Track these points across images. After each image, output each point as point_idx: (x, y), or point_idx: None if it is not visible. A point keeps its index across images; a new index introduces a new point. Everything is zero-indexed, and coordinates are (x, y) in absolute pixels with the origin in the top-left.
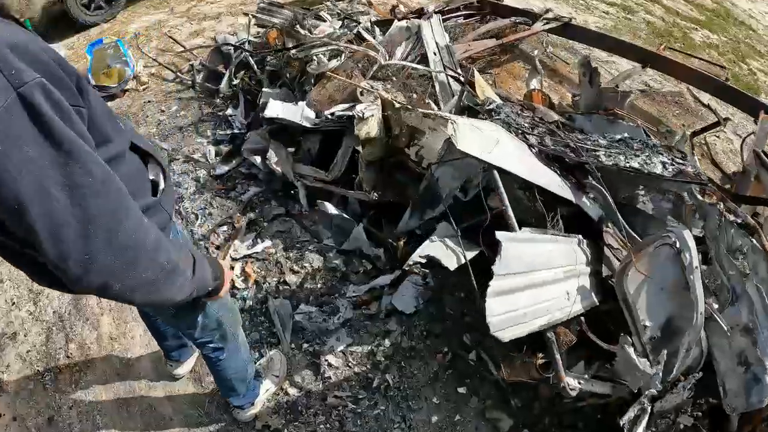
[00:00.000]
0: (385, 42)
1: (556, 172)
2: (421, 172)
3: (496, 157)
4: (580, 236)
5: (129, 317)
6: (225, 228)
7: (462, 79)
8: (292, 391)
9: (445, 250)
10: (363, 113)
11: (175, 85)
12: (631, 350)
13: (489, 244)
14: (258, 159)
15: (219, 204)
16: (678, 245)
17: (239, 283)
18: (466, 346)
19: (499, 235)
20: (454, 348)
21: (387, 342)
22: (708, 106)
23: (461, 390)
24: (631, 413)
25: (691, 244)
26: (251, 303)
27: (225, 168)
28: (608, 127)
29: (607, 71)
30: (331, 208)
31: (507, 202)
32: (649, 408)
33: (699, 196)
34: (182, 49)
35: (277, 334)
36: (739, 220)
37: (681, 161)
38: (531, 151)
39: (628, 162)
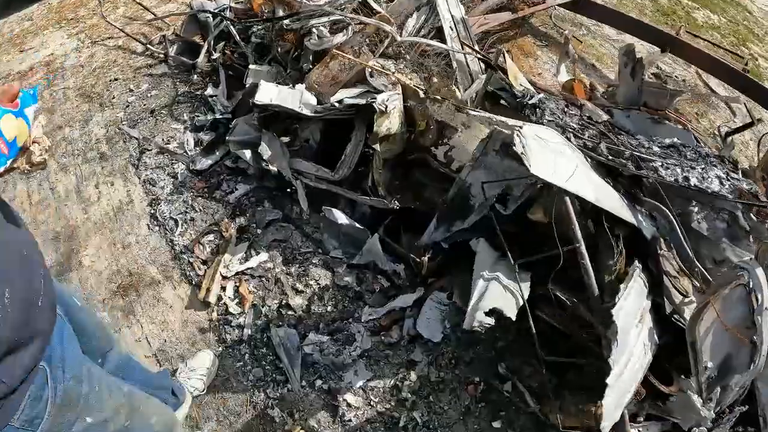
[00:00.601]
0: (393, 12)
1: (609, 184)
2: (450, 174)
3: (571, 181)
4: (638, 264)
5: None
6: (211, 237)
7: (491, 60)
8: None
9: (503, 294)
10: (386, 105)
11: (145, 59)
12: (695, 397)
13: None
14: (247, 153)
15: (202, 206)
16: (751, 284)
17: (233, 308)
18: (500, 375)
19: (616, 314)
20: (486, 377)
21: (413, 375)
22: (720, 97)
23: (496, 425)
24: None
25: (764, 283)
26: (250, 332)
27: (207, 162)
28: (653, 128)
29: (617, 49)
30: (340, 217)
31: (583, 250)
32: None
33: (753, 217)
34: (153, 17)
35: (284, 369)
36: None
37: (736, 176)
38: (587, 160)
39: (686, 175)
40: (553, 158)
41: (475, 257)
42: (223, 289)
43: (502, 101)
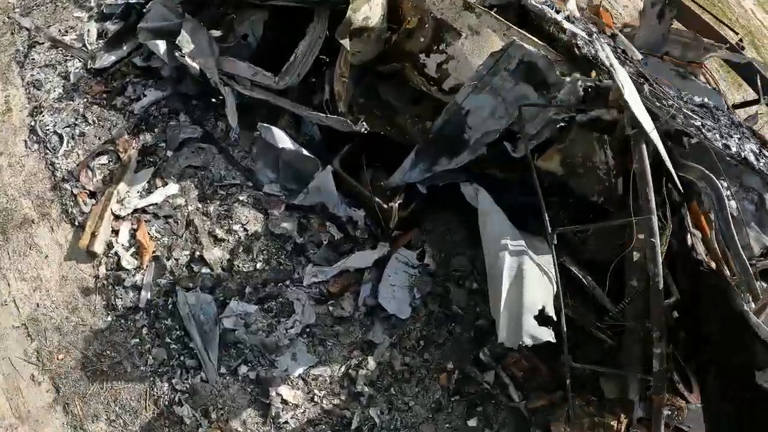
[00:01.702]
0: None
1: None
2: (438, 97)
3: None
4: None
5: None
6: (104, 159)
7: None
8: None
9: (541, 279)
10: None
11: None
12: None
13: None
14: (161, 46)
15: (96, 117)
16: None
17: (128, 261)
18: (480, 362)
19: None
20: (463, 364)
21: (370, 361)
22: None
23: (471, 422)
24: None
25: None
26: (149, 296)
27: (110, 58)
28: (676, 82)
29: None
30: (282, 138)
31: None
32: None
33: None
34: None
35: (195, 350)
36: None
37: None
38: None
39: (726, 142)
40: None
41: (480, 218)
42: (115, 233)
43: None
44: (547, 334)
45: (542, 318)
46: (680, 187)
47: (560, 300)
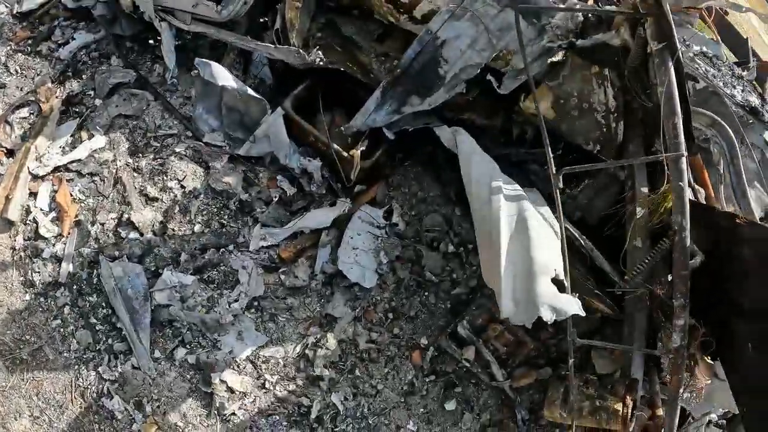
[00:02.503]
0: None
1: None
2: (407, 27)
3: None
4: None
5: None
6: (25, 112)
7: None
8: None
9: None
10: None
11: None
12: None
13: None
14: None
15: (20, 66)
16: None
17: (47, 228)
18: (458, 337)
19: None
20: (438, 340)
21: (330, 338)
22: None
23: (449, 405)
24: None
25: None
26: (71, 268)
27: (37, 0)
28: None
29: None
30: (223, 75)
31: None
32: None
33: None
34: None
35: (124, 333)
36: None
37: None
38: None
39: (732, 92)
40: None
41: (462, 163)
42: (33, 195)
43: None
44: (574, 305)
45: (557, 283)
46: (693, 133)
47: (565, 261)
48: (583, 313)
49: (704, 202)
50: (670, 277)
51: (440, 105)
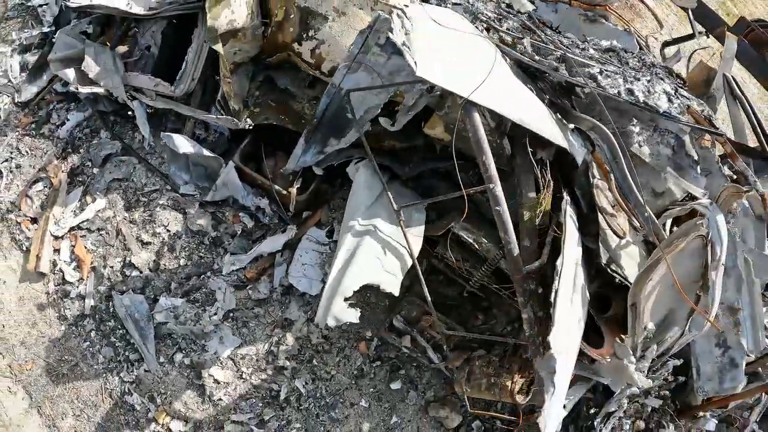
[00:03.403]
0: None
1: (533, 91)
2: (321, 78)
3: (481, 89)
4: (567, 198)
5: None
6: (40, 186)
7: None
8: (177, 426)
9: (382, 257)
10: None
11: None
12: (632, 367)
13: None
14: (71, 74)
15: (29, 148)
16: (710, 235)
17: (71, 274)
18: (396, 329)
19: (554, 349)
20: (380, 332)
21: (289, 337)
22: (649, 7)
23: (395, 385)
24: (603, 411)
25: (724, 235)
26: (93, 302)
27: (33, 90)
28: (587, 27)
29: None
30: (183, 144)
31: (500, 193)
32: (625, 405)
33: (704, 143)
34: None
35: (136, 346)
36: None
37: (686, 94)
38: (506, 61)
39: (630, 87)
40: (454, 54)
41: (350, 194)
42: (57, 251)
43: None
44: (352, 316)
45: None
46: (530, 150)
47: (418, 270)
48: (356, 321)
49: (603, 196)
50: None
51: (363, 136)
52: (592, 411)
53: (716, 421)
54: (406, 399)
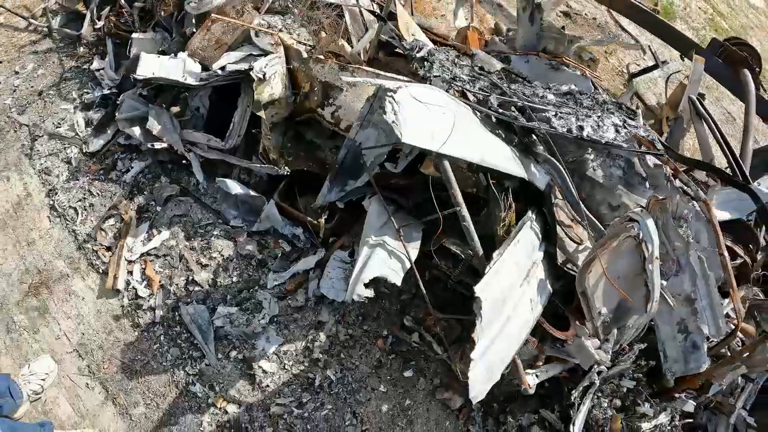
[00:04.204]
0: None
1: (501, 137)
2: (340, 132)
3: (447, 145)
4: (531, 215)
5: None
6: (112, 221)
7: (379, 12)
8: (232, 409)
9: (388, 261)
10: (264, 73)
11: (29, 35)
12: (588, 343)
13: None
14: (137, 131)
15: (99, 190)
16: (641, 235)
17: (142, 291)
18: (406, 327)
19: (479, 291)
20: (394, 331)
21: (322, 335)
22: (631, 35)
23: (407, 374)
24: (580, 387)
25: (654, 235)
26: (161, 313)
27: (99, 142)
28: (551, 75)
29: None
30: (234, 187)
31: (465, 213)
32: (597, 380)
33: (650, 164)
34: None
35: (198, 345)
36: (684, 187)
37: (633, 124)
38: (476, 115)
39: (581, 124)
40: (431, 122)
41: (365, 221)
42: (130, 273)
43: (397, 50)
44: (368, 293)
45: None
46: (493, 187)
47: (415, 271)
48: (372, 295)
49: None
50: None
51: (373, 178)
52: (572, 390)
53: (694, 403)
54: (417, 385)
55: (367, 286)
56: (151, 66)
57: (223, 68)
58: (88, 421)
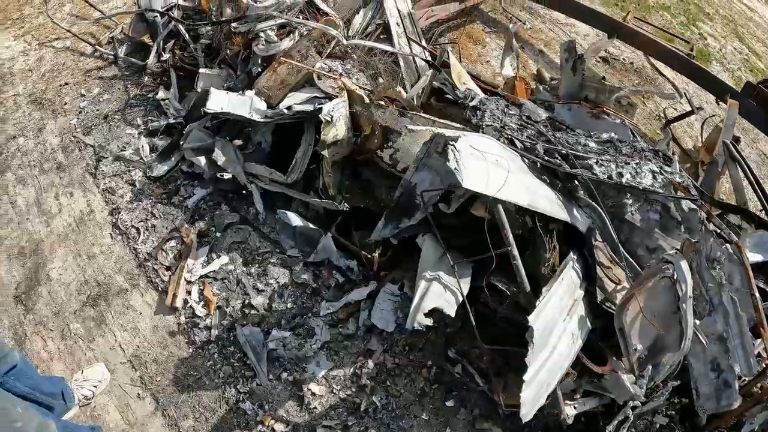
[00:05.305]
0: (340, 8)
1: (546, 182)
2: (396, 173)
3: (502, 190)
4: (573, 255)
5: None
6: (173, 243)
7: (433, 61)
8: (279, 427)
9: (443, 294)
10: (331, 116)
11: (95, 61)
12: (625, 377)
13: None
14: (203, 160)
15: (161, 213)
16: (675, 276)
17: (200, 311)
18: (450, 359)
19: (532, 321)
20: (438, 361)
21: (370, 363)
22: (668, 79)
23: (449, 403)
24: (615, 421)
25: (688, 276)
26: (217, 332)
27: (164, 168)
28: (592, 123)
29: (566, 33)
30: (294, 219)
31: (516, 253)
32: (631, 415)
33: (685, 209)
34: (100, 15)
35: (251, 365)
36: (718, 230)
37: (669, 170)
38: (524, 162)
39: (620, 171)
40: (487, 169)
41: (420, 256)
42: (189, 293)
43: (447, 95)
44: (427, 322)
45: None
46: (539, 229)
47: (466, 305)
48: (431, 323)
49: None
50: None
51: (426, 217)
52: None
53: None
54: (458, 415)
55: (426, 315)
56: (221, 101)
57: (289, 108)
58: (136, 430)
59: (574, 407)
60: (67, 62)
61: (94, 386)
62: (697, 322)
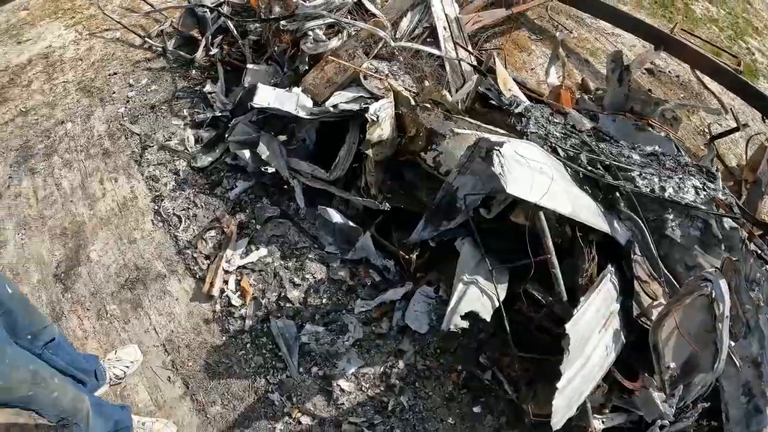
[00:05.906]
0: (388, 10)
1: (588, 193)
2: (438, 176)
3: (546, 197)
4: (611, 268)
5: None
6: (213, 232)
7: (479, 66)
8: (305, 420)
9: (480, 298)
10: (378, 116)
11: (144, 53)
12: (656, 395)
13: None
14: (247, 153)
15: (203, 203)
16: (713, 295)
17: (235, 300)
18: (480, 365)
19: (569, 329)
20: (468, 366)
21: (401, 363)
22: (714, 93)
23: (476, 409)
24: None
25: (726, 296)
26: (251, 323)
27: (208, 159)
28: (636, 135)
29: (612, 44)
30: (335, 216)
31: (554, 260)
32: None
33: (726, 227)
34: (150, 8)
35: (283, 357)
36: (759, 251)
37: (712, 186)
38: (567, 171)
39: (663, 184)
40: (531, 175)
41: (459, 259)
42: (226, 282)
43: (492, 101)
44: (463, 324)
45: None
46: (579, 239)
47: (502, 311)
48: (466, 325)
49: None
50: None
51: (465, 221)
52: None
53: None
54: (484, 421)
55: (462, 318)
56: (267, 96)
57: (335, 106)
58: (164, 412)
59: (602, 421)
60: (116, 53)
61: (126, 366)
62: (732, 343)
